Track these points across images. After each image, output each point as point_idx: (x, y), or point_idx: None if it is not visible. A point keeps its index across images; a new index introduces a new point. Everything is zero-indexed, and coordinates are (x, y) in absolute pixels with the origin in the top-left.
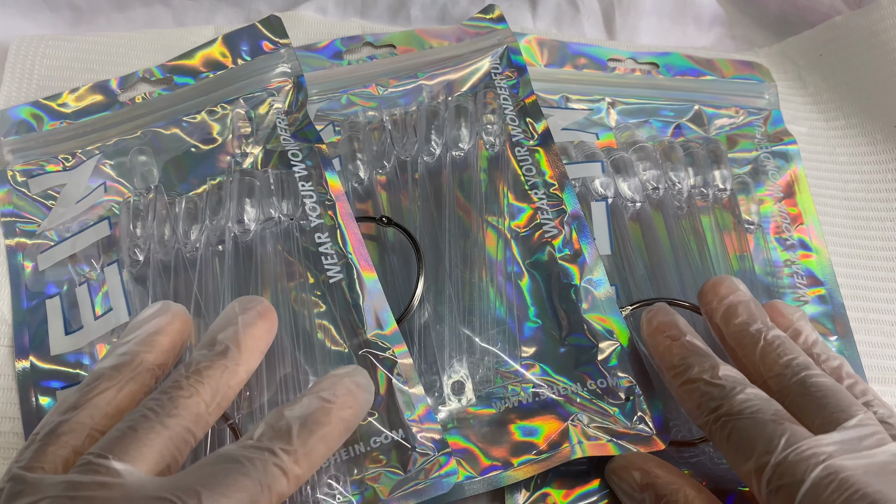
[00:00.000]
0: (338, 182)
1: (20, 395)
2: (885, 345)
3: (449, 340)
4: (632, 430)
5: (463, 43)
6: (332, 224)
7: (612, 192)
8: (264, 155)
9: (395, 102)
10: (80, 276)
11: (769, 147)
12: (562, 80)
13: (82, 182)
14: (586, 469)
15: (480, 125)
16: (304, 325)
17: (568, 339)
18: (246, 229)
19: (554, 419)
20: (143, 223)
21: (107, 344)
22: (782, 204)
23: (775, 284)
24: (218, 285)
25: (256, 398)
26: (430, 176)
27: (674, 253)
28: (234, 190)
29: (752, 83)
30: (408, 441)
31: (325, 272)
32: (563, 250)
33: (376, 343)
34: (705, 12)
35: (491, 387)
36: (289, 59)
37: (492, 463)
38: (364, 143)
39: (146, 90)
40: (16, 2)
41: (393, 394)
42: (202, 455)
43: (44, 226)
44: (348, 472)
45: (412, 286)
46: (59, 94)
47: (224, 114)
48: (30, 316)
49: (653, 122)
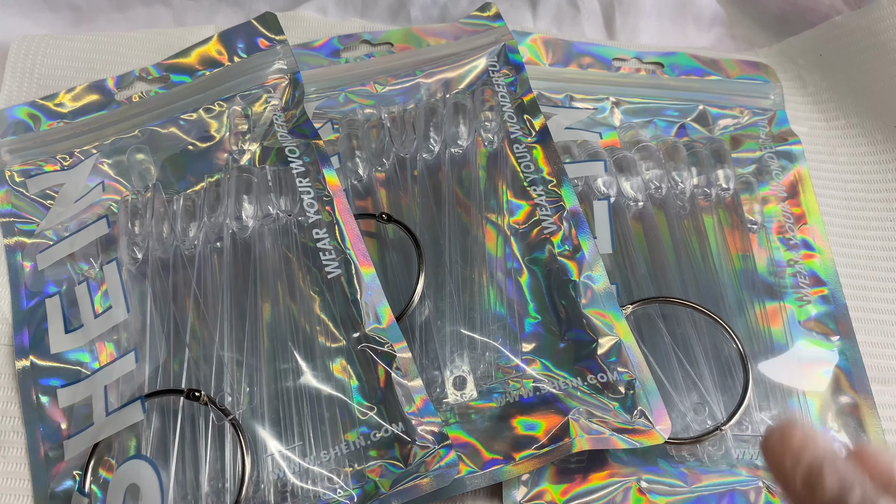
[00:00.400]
0: (335, 178)
1: (20, 394)
2: (885, 345)
3: (450, 336)
4: (632, 424)
5: (460, 41)
6: (330, 220)
7: (614, 191)
8: (262, 152)
9: (393, 100)
10: (80, 274)
11: (773, 147)
12: (566, 80)
13: (80, 181)
14: (584, 465)
15: (479, 122)
16: (302, 321)
17: (567, 334)
18: (244, 226)
19: (554, 413)
20: (142, 221)
21: (107, 342)
22: (786, 204)
23: (778, 284)
24: (217, 282)
25: (256, 393)
26: (429, 173)
27: (675, 252)
28: (231, 187)
29: (757, 83)
30: (408, 434)
31: (323, 268)
32: (562, 246)
33: (374, 337)
34: (705, 12)
35: (492, 382)
36: (285, 56)
37: (493, 457)
38: (363, 140)
39: (143, 89)
40: (16, 2)
41: (392, 387)
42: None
43: (42, 225)
44: (349, 465)
45: (412, 283)
46: (56, 94)
47: (221, 111)
48: (29, 315)
49: (657, 122)
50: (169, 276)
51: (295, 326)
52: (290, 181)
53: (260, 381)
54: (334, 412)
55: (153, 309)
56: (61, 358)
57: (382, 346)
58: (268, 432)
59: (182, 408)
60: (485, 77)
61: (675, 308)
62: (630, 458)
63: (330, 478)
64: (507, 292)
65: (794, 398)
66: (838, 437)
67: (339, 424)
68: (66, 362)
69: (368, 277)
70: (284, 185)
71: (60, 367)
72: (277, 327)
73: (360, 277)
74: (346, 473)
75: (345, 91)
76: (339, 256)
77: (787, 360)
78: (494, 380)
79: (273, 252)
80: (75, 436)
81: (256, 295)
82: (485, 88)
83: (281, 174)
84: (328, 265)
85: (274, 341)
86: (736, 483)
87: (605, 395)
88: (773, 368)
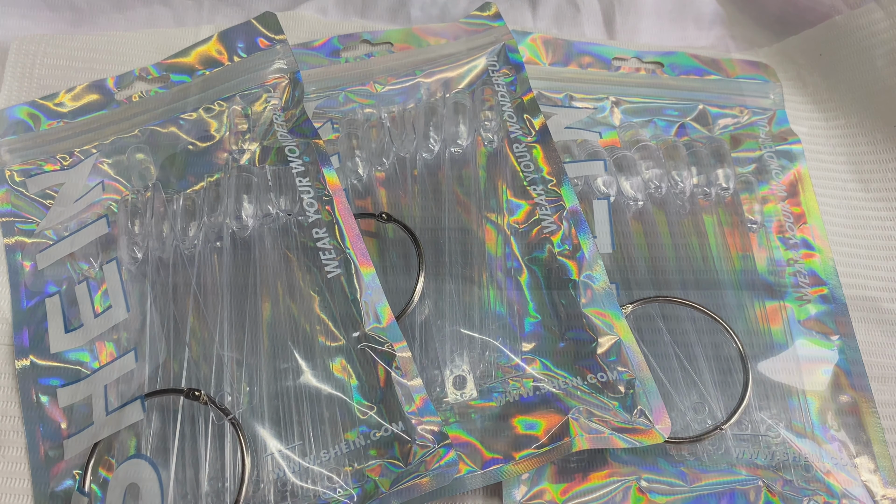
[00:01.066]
0: (335, 177)
1: (20, 394)
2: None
3: (450, 336)
4: (631, 423)
5: (460, 41)
6: (330, 219)
7: (614, 190)
8: (261, 151)
9: (393, 100)
10: (80, 274)
11: (773, 146)
12: (566, 79)
13: (80, 181)
14: (584, 465)
15: (478, 122)
16: (302, 320)
17: (567, 333)
18: (244, 225)
19: (554, 413)
20: (142, 221)
21: (107, 341)
22: (786, 203)
23: (778, 283)
24: (217, 282)
25: (256, 393)
26: (428, 173)
27: (675, 252)
28: (231, 186)
29: (757, 83)
30: (407, 434)
31: (323, 267)
32: (562, 246)
33: (374, 337)
34: (705, 12)
35: (491, 381)
36: (284, 56)
37: (493, 456)
38: (363, 140)
39: (143, 88)
40: (16, 2)
41: (392, 387)
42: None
43: (42, 225)
44: (348, 464)
45: (412, 282)
46: (56, 94)
47: (221, 111)
48: (29, 314)
49: (657, 122)
50: (169, 275)
51: (295, 326)
52: (290, 181)
53: (260, 381)
54: (334, 411)
55: (153, 309)
56: (61, 357)
57: (382, 345)
58: (268, 432)
59: (182, 407)
60: (485, 77)
61: (675, 308)
62: (630, 458)
63: (330, 477)
64: (507, 292)
65: (793, 397)
66: (838, 437)
67: (338, 424)
68: (66, 362)
69: (368, 277)
70: (284, 184)
71: (60, 366)
72: (277, 327)
73: (359, 277)
74: (346, 473)
75: (345, 91)
76: (338, 256)
77: (787, 360)
78: (494, 379)
79: (273, 252)
80: (75, 435)
81: (256, 294)
82: (485, 88)
83: (281, 174)
84: (328, 265)
85: (274, 341)
86: (736, 482)
87: (605, 395)
88: (772, 368)
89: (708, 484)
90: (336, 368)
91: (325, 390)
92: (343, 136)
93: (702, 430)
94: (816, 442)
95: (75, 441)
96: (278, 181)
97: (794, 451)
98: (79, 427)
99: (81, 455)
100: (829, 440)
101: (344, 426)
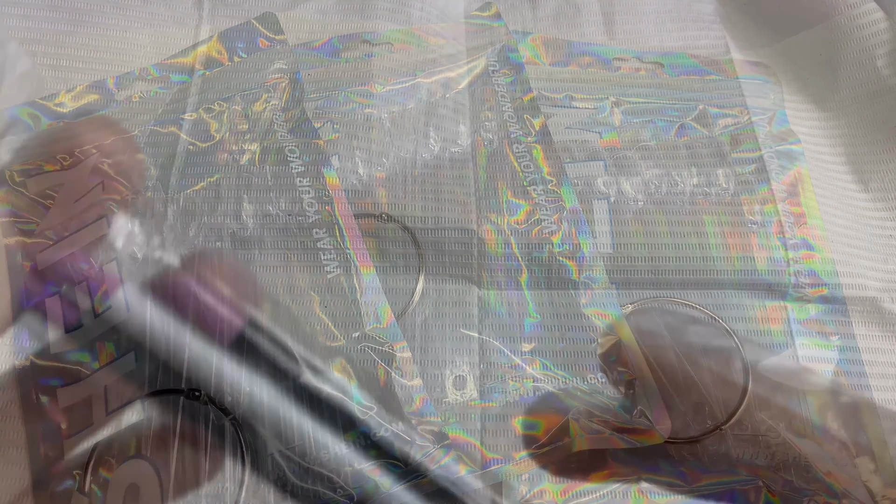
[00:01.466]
0: (335, 178)
1: (20, 394)
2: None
3: (450, 336)
4: (631, 423)
5: (460, 41)
6: (330, 220)
7: (614, 190)
8: (261, 151)
9: (393, 100)
10: (80, 274)
11: (773, 147)
12: (566, 79)
13: (80, 181)
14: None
15: (478, 122)
16: (302, 321)
17: (567, 333)
18: (244, 225)
19: (554, 413)
20: (142, 221)
21: (107, 342)
22: (786, 203)
23: (778, 283)
24: None
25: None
26: (428, 172)
27: (675, 252)
28: (231, 187)
29: (757, 83)
30: (407, 434)
31: (323, 267)
32: (562, 246)
33: (374, 337)
34: (705, 12)
35: (491, 381)
36: (285, 56)
37: (493, 457)
38: (362, 140)
39: (142, 89)
40: (16, 2)
41: (391, 387)
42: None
43: (42, 225)
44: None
45: (412, 282)
46: (56, 94)
47: (221, 111)
48: (29, 315)
49: (657, 122)
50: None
51: (294, 326)
52: (290, 181)
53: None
54: (334, 412)
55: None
56: (61, 358)
57: (382, 345)
58: (268, 432)
59: (182, 407)
60: (485, 77)
61: (675, 308)
62: (630, 458)
63: (330, 477)
64: (507, 292)
65: (793, 397)
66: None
67: (339, 424)
68: (66, 362)
69: (368, 277)
70: (284, 184)
71: (60, 366)
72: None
73: (359, 277)
74: (346, 473)
75: (345, 91)
76: (339, 256)
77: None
78: (494, 379)
79: (273, 252)
80: (75, 435)
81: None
82: (485, 88)
83: (281, 174)
84: (328, 265)
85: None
86: (735, 483)
87: (605, 395)
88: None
89: (708, 484)
90: (336, 369)
91: (325, 390)
92: (343, 136)
93: (702, 431)
94: (816, 442)
95: (75, 441)
96: (278, 181)
97: (794, 451)
98: (79, 427)
99: (81, 455)
100: (829, 440)
101: (344, 426)
